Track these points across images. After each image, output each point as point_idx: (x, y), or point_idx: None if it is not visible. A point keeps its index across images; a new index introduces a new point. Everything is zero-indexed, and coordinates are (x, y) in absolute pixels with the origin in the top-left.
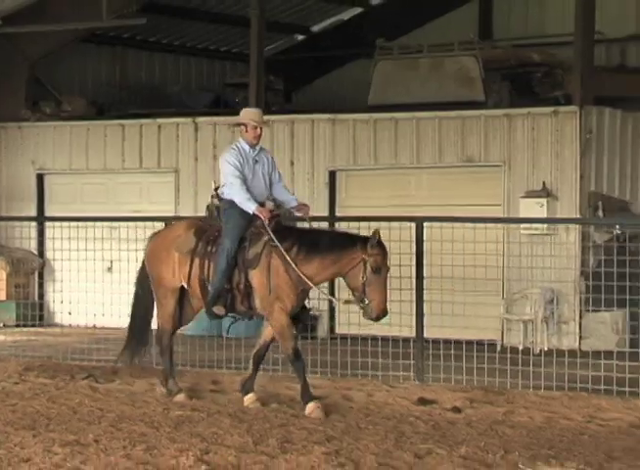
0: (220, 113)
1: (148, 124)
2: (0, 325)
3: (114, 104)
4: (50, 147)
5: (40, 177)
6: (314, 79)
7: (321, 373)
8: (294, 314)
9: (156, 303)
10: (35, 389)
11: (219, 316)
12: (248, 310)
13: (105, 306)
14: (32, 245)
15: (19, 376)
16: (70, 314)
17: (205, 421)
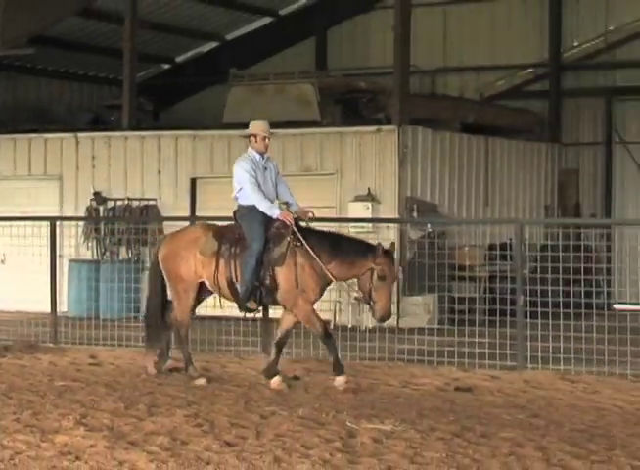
0: (98, 129)
1: (36, 139)
2: None
3: (7, 122)
4: None
5: None
6: (178, 102)
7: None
8: None
9: (174, 297)
10: None
11: (252, 310)
12: (272, 303)
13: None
14: None
15: None
16: None
17: (84, 390)
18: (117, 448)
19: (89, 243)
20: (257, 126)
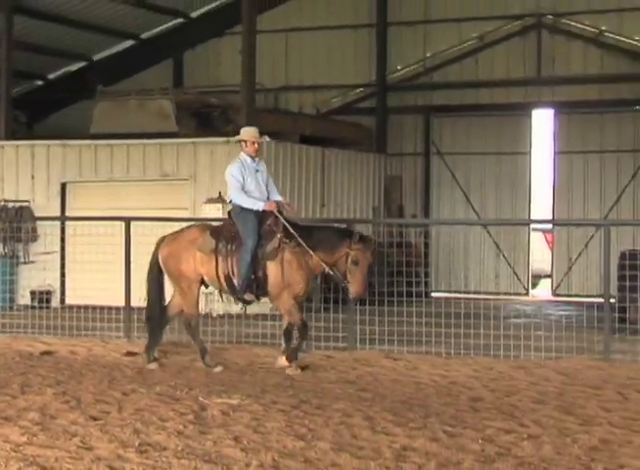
0: None
1: None
2: None
3: None
4: None
5: None
6: (50, 115)
7: (53, 334)
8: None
9: (179, 294)
10: None
11: (249, 302)
12: (263, 295)
13: None
14: None
15: None
16: None
17: None
18: None
19: None
20: (247, 133)
